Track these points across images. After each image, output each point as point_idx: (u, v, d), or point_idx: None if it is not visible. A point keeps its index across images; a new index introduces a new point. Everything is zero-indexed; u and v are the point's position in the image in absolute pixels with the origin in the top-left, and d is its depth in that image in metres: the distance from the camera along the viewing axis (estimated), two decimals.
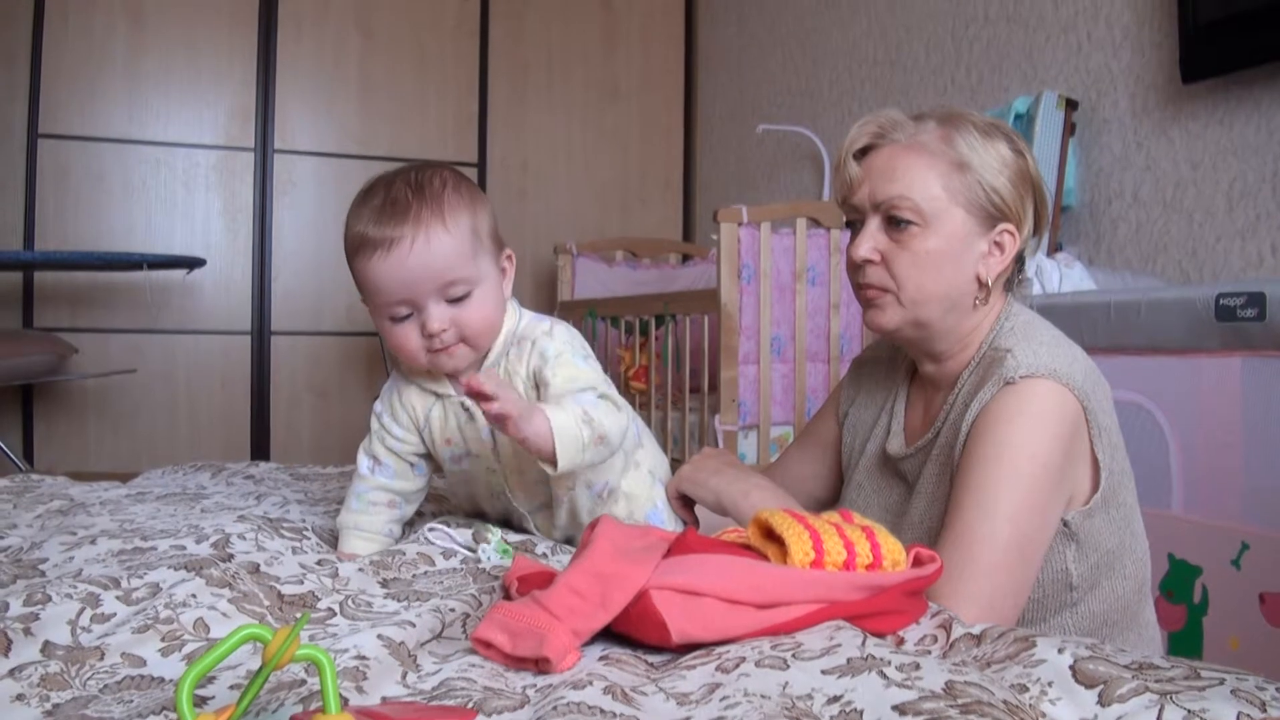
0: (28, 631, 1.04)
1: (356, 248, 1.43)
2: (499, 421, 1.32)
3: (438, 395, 1.56)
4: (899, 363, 1.69)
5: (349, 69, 5.00)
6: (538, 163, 5.32)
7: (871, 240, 1.47)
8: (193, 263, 4.14)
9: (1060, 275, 2.76)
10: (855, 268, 1.50)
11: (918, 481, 1.54)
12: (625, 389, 4.04)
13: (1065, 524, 1.41)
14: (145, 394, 4.64)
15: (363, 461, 1.60)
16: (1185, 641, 2.00)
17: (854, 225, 1.52)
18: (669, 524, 1.63)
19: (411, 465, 1.60)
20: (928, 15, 3.88)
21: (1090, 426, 1.40)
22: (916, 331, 1.50)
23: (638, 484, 1.64)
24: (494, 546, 1.44)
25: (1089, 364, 1.45)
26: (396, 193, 1.43)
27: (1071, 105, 3.13)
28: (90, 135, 4.61)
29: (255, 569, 1.27)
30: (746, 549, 1.05)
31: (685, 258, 5.23)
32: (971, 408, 1.42)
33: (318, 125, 4.94)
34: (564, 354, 1.50)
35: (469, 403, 1.51)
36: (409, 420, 1.58)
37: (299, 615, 0.89)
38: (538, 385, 1.50)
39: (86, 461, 4.43)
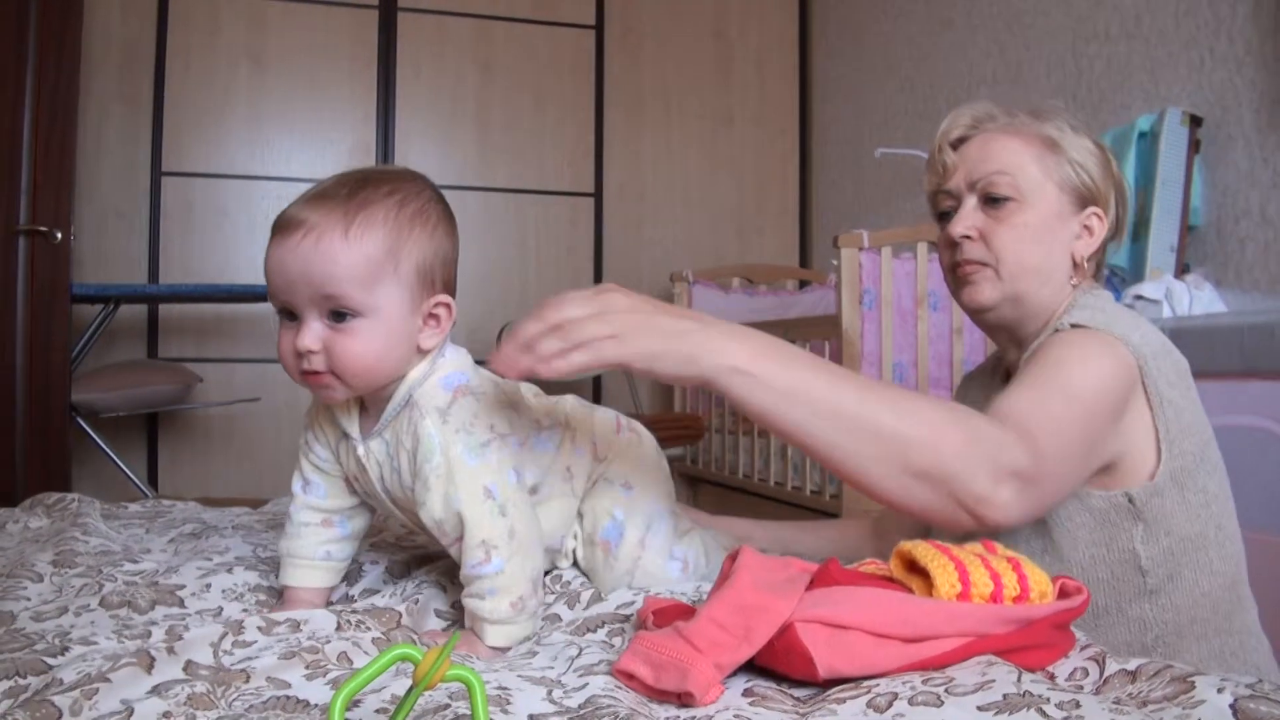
0: (171, 650, 1.06)
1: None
2: None
3: (345, 434, 1.35)
4: (998, 369, 1.71)
5: (467, 104, 5.09)
6: (654, 192, 5.36)
7: (970, 218, 1.51)
8: None
9: (1191, 298, 2.69)
10: (952, 245, 1.53)
11: None
12: (744, 417, 4.03)
13: (1130, 499, 1.40)
14: (269, 422, 4.73)
15: (295, 480, 1.41)
16: None
17: (946, 215, 1.56)
18: (625, 543, 1.39)
19: (345, 481, 1.40)
20: (1047, 33, 3.82)
21: (1148, 392, 1.40)
22: (1013, 309, 1.52)
23: (591, 497, 1.42)
24: None
25: (1160, 338, 1.45)
26: (337, 181, 1.26)
27: (1196, 122, 3.06)
28: (213, 172, 4.74)
29: (398, 621, 1.27)
30: (888, 581, 1.03)
31: (802, 284, 5.22)
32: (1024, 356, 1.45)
33: (437, 159, 5.02)
34: (453, 454, 1.25)
35: (361, 453, 1.32)
36: (327, 443, 1.39)
37: (449, 636, 0.89)
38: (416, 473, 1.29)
39: (210, 488, 4.53)
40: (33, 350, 3.73)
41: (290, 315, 1.24)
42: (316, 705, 0.95)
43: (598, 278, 5.23)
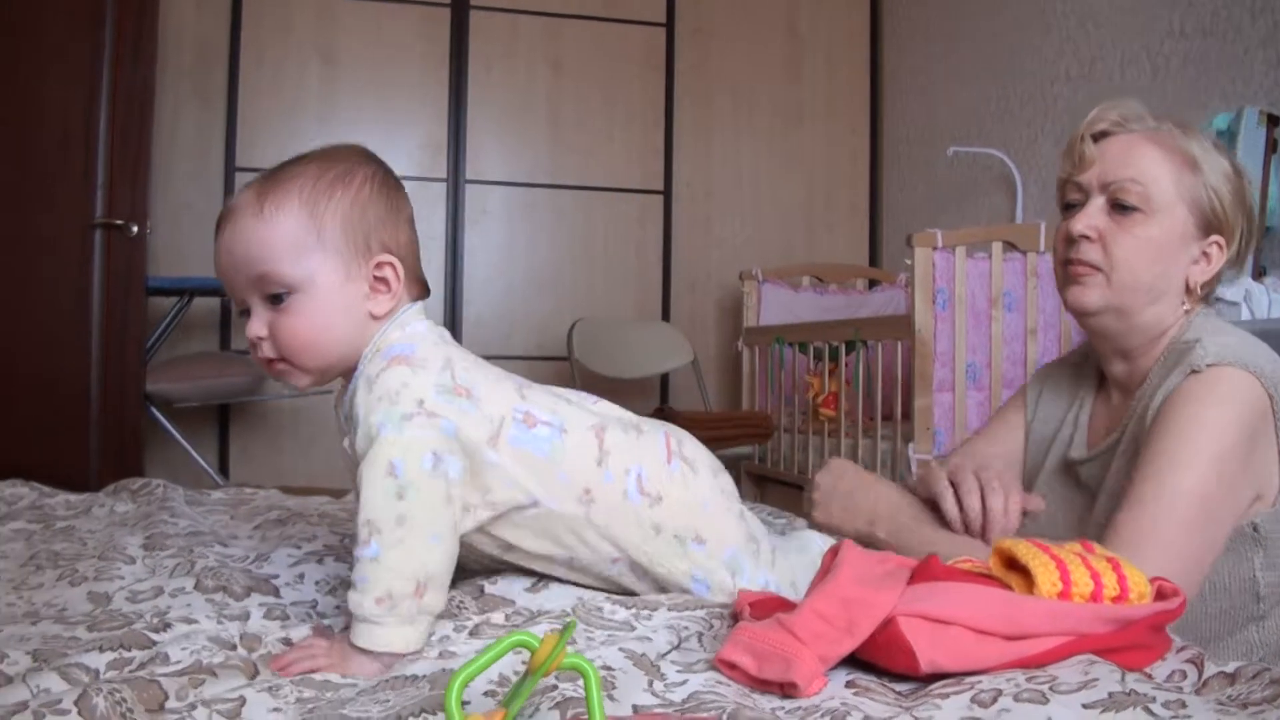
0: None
1: None
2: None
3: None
4: (1086, 369, 1.68)
5: (538, 101, 5.12)
6: (723, 190, 5.36)
7: (1093, 218, 1.48)
8: None
9: (1270, 300, 2.66)
10: (1069, 242, 1.51)
11: (1102, 483, 1.52)
12: (814, 416, 4.01)
13: (1255, 528, 1.39)
14: None
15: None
16: None
17: (1071, 207, 1.54)
18: (715, 595, 1.28)
19: None
20: (1122, 31, 3.78)
21: (1277, 419, 1.39)
22: (1116, 321, 1.50)
23: (659, 556, 1.27)
24: None
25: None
26: (267, 170, 1.24)
27: (1274, 121, 3.02)
28: None
29: (480, 592, 1.27)
30: (987, 578, 1.03)
31: (872, 283, 5.20)
32: (1157, 397, 1.42)
33: (508, 156, 5.06)
34: (372, 423, 1.14)
35: (345, 445, 1.23)
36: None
37: (565, 624, 0.90)
38: None
39: (280, 478, 4.57)
40: (109, 341, 3.78)
41: (243, 311, 1.23)
42: (425, 677, 0.97)
43: (666, 275, 5.25)
